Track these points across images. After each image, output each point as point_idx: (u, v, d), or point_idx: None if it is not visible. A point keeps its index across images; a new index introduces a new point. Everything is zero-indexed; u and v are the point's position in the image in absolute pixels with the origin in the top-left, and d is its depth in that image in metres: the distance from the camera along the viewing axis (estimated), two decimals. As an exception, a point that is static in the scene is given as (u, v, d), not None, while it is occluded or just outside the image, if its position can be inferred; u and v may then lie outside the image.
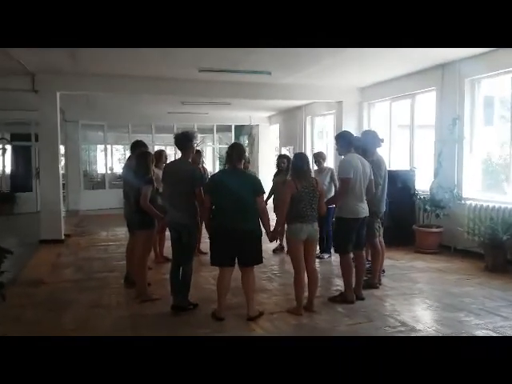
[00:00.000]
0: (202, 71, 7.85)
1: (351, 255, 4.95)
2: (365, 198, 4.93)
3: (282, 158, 7.48)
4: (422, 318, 4.52)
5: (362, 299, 5.00)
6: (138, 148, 5.77)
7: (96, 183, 16.26)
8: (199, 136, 15.79)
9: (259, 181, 4.46)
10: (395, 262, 6.69)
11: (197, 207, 4.65)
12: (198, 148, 6.21)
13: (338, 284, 5.55)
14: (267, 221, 4.43)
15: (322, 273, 5.86)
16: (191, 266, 4.71)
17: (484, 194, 7.23)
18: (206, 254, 7.18)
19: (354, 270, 4.99)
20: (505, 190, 7.62)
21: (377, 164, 5.37)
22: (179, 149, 4.80)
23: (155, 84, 8.82)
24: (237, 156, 4.34)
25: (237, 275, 4.52)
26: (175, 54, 6.63)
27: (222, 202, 4.31)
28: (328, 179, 6.92)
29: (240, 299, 4.77)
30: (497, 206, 6.58)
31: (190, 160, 4.86)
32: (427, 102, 8.61)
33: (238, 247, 4.29)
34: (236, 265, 4.46)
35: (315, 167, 7.14)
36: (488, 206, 6.72)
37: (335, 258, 6.63)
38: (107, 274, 6.32)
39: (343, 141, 5.04)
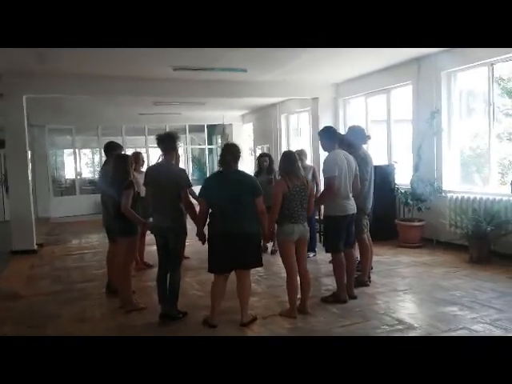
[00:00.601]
0: (176, 70, 7.63)
1: (342, 254, 4.85)
2: (351, 194, 4.85)
3: (263, 157, 7.34)
4: (418, 315, 4.47)
5: (355, 298, 4.92)
6: (113, 150, 5.49)
7: (65, 189, 15.74)
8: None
9: (257, 181, 4.33)
10: (380, 258, 6.65)
11: (183, 211, 4.47)
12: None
13: (328, 283, 5.46)
14: (265, 222, 4.31)
15: (310, 272, 5.76)
16: (179, 272, 4.52)
17: (464, 186, 7.29)
18: (188, 258, 6.98)
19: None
20: (475, 181, 7.77)
21: (364, 159, 5.31)
22: (162, 150, 4.55)
23: (128, 84, 8.53)
24: (231, 157, 4.18)
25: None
26: (149, 52, 6.36)
27: (221, 205, 4.14)
28: (310, 177, 6.84)
29: (230, 304, 4.59)
30: (478, 197, 6.63)
31: (173, 162, 4.67)
32: (402, 96, 8.66)
33: (239, 251, 4.12)
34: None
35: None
36: (469, 197, 6.76)
37: (322, 256, 6.57)
38: (86, 284, 6.04)
39: (327, 136, 4.94)
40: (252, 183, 4.23)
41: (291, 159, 4.48)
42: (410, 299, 4.98)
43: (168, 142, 4.52)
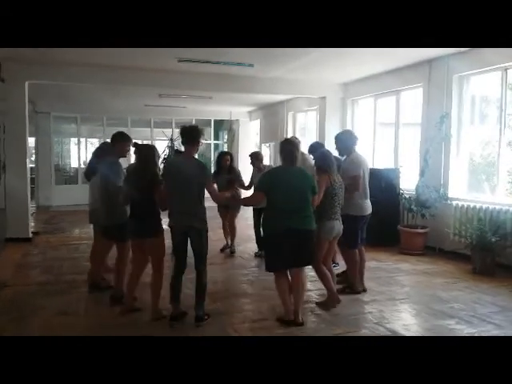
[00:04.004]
0: (181, 61, 7.46)
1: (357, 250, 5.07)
2: (368, 195, 5.06)
3: (225, 156, 7.21)
4: (413, 327, 4.26)
5: (365, 291, 5.18)
6: (120, 142, 4.99)
7: (69, 178, 15.66)
8: (176, 131, 15.35)
9: (313, 178, 4.32)
10: (380, 264, 6.46)
11: (205, 208, 4.24)
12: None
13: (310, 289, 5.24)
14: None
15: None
16: (206, 272, 4.30)
17: (470, 194, 7.07)
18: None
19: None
20: (485, 190, 7.52)
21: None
22: (185, 143, 4.30)
23: (132, 75, 8.40)
24: (298, 152, 4.23)
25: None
26: (153, 42, 6.21)
27: (287, 201, 4.04)
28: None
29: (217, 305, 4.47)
30: (484, 206, 6.39)
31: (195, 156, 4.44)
32: (412, 98, 8.43)
33: (300, 247, 4.08)
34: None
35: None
36: (475, 206, 6.53)
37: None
38: (76, 276, 5.86)
39: (344, 141, 5.11)
40: (313, 180, 4.26)
41: (330, 156, 4.60)
42: (406, 309, 4.77)
43: (193, 134, 4.27)
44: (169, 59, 7.46)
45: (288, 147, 4.20)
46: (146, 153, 4.36)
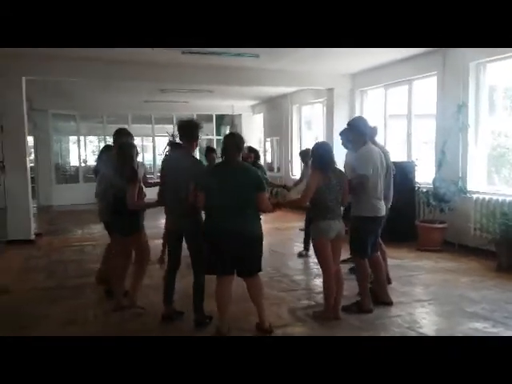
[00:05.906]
0: (185, 53, 7.14)
1: (366, 260, 4.39)
2: (382, 194, 4.41)
3: (211, 153, 6.45)
4: (447, 331, 3.96)
5: (391, 303, 4.50)
6: (122, 138, 4.89)
7: (69, 177, 15.37)
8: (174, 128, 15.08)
9: (260, 176, 3.87)
10: (400, 262, 6.15)
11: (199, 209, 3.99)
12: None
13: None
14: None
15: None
16: (203, 276, 4.05)
17: (491, 187, 6.78)
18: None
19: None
20: (507, 182, 7.23)
21: None
22: (183, 139, 4.08)
23: (133, 69, 8.08)
24: (235, 147, 3.76)
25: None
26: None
27: (220, 200, 3.67)
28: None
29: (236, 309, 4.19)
30: (508, 199, 6.10)
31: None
32: (425, 88, 8.13)
33: (239, 252, 3.68)
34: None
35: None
36: (497, 199, 6.24)
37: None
38: (83, 279, 5.59)
39: (363, 128, 4.42)
40: (256, 176, 3.78)
41: (326, 150, 4.17)
42: (436, 311, 4.50)
43: (191, 130, 4.07)
44: (172, 51, 7.12)
45: (225, 142, 3.82)
46: (126, 151, 4.32)
